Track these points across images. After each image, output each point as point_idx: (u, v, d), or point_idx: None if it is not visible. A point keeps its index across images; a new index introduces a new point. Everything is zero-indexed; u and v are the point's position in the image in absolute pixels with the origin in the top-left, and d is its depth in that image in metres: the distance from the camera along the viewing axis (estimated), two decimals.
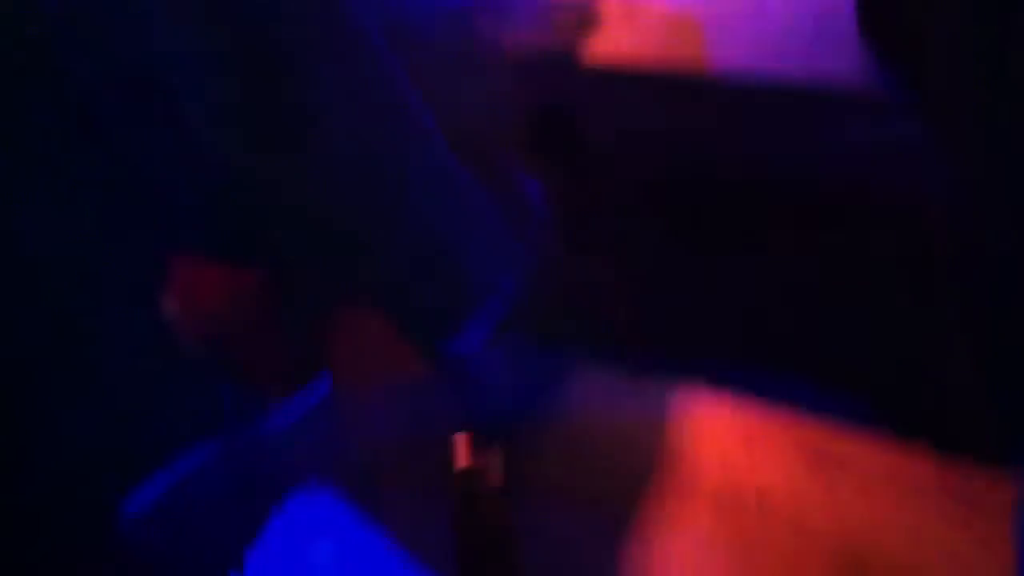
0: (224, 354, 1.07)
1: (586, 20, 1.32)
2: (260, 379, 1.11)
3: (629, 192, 1.27)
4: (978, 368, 0.93)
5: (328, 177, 1.04)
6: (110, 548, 1.03)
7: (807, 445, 1.08)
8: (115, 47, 0.96)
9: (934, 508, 0.98)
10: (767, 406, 1.12)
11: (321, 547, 1.03)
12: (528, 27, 1.30)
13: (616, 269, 1.26)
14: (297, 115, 1.01)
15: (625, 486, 1.07)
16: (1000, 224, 0.85)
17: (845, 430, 1.08)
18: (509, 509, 0.98)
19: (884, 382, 1.14)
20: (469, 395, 1.14)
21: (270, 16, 1.00)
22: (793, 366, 1.18)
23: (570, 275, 1.22)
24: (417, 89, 1.07)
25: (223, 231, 1.04)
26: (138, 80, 0.97)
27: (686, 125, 1.23)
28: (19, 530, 0.97)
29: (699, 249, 1.24)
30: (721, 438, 1.11)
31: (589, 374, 1.17)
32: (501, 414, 1.12)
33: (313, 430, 1.11)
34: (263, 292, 1.08)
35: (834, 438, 1.08)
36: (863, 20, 1.11)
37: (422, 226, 1.08)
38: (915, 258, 1.09)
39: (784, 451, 1.08)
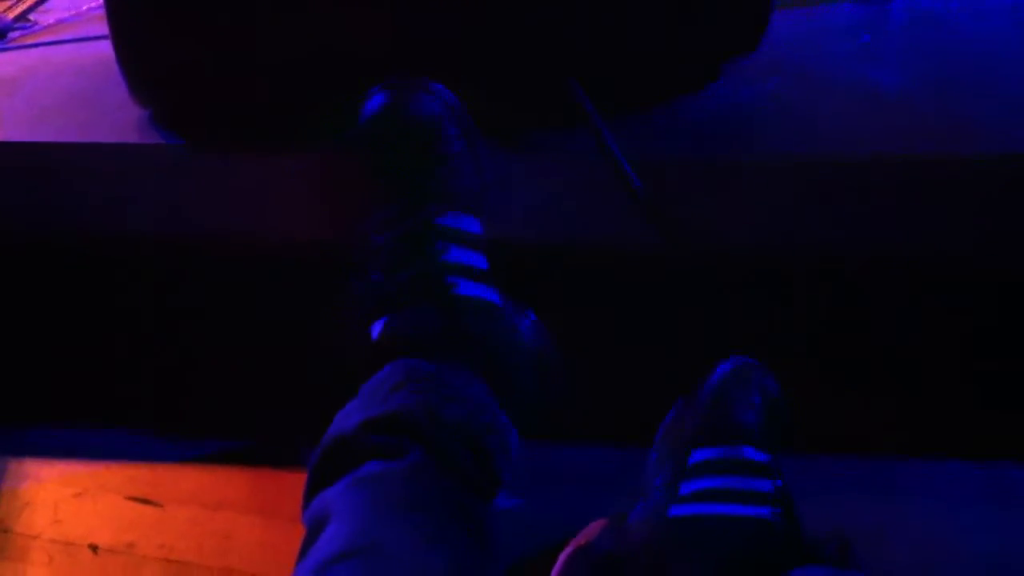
0: None
1: None
2: None
3: None
4: None
5: None
6: None
7: (136, 488, 1.17)
8: None
9: (245, 522, 1.13)
10: (95, 459, 1.19)
11: None
12: None
13: None
14: None
15: None
16: None
17: (171, 466, 1.19)
18: None
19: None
20: None
21: None
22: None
23: None
24: None
25: None
26: None
27: None
28: None
29: None
30: (52, 497, 1.17)
31: None
32: None
33: None
34: None
35: (160, 475, 1.18)
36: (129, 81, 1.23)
37: None
38: None
39: (113, 497, 1.16)
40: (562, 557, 0.93)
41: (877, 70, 1.26)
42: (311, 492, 0.87)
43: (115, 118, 1.26)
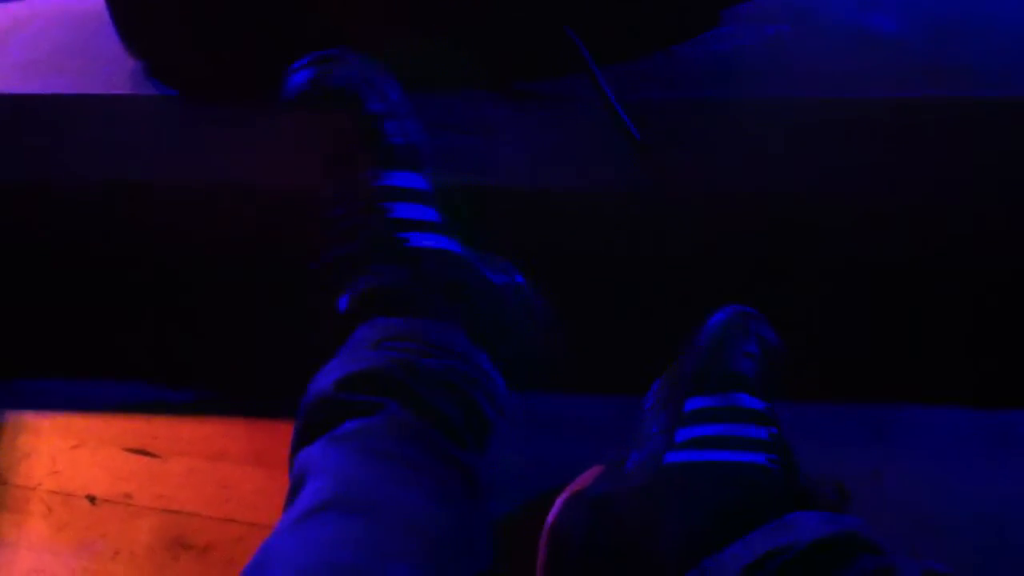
0: None
1: None
2: None
3: None
4: None
5: None
6: None
7: (133, 439, 1.17)
8: None
9: (242, 472, 1.14)
10: (95, 412, 1.20)
11: None
12: None
13: None
14: None
15: None
16: None
17: (169, 418, 1.19)
18: None
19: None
20: None
21: None
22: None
23: None
24: None
25: None
26: None
27: None
28: None
29: None
30: (50, 448, 1.17)
31: None
32: None
33: None
34: None
35: (158, 427, 1.18)
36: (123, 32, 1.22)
37: None
38: None
39: (111, 448, 1.16)
40: (558, 501, 0.93)
41: (876, 15, 1.25)
42: (294, 451, 0.88)
43: (107, 70, 1.26)
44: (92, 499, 1.13)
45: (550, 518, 0.93)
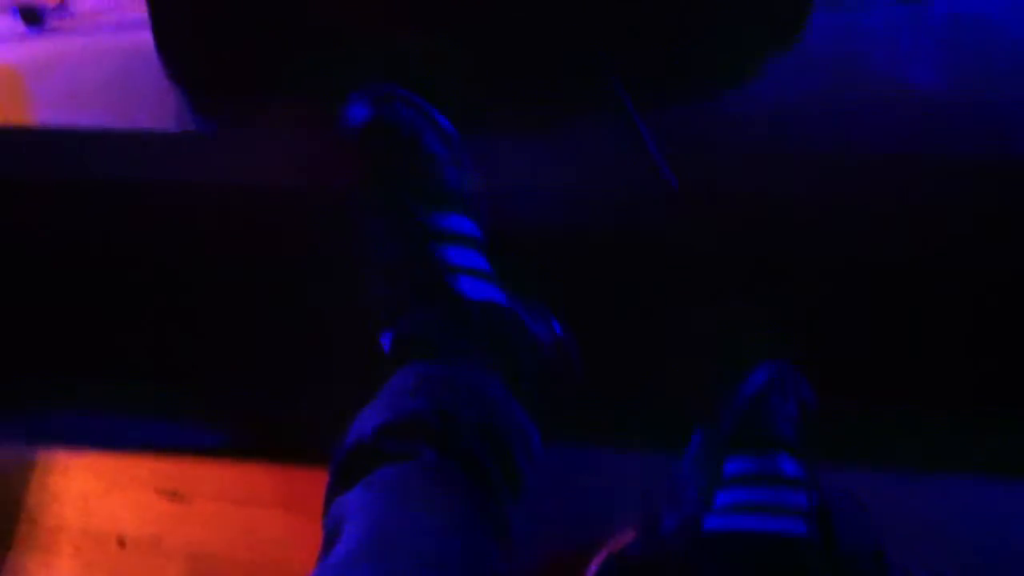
0: None
1: None
2: None
3: None
4: None
5: None
6: None
7: (163, 481, 1.17)
8: None
9: (270, 516, 1.13)
10: (126, 452, 1.19)
11: None
12: None
13: None
14: None
15: None
16: None
17: (199, 460, 1.18)
18: None
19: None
20: None
21: None
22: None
23: None
24: None
25: None
26: None
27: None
28: None
29: None
30: (81, 488, 1.17)
31: None
32: None
33: None
34: None
35: (188, 470, 1.17)
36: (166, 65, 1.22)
37: None
38: None
39: (141, 490, 1.16)
40: (594, 562, 0.92)
41: (916, 70, 1.25)
42: (329, 498, 0.87)
43: (150, 104, 1.26)
44: (121, 541, 1.12)
45: None
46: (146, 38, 1.24)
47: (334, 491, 0.87)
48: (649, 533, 0.92)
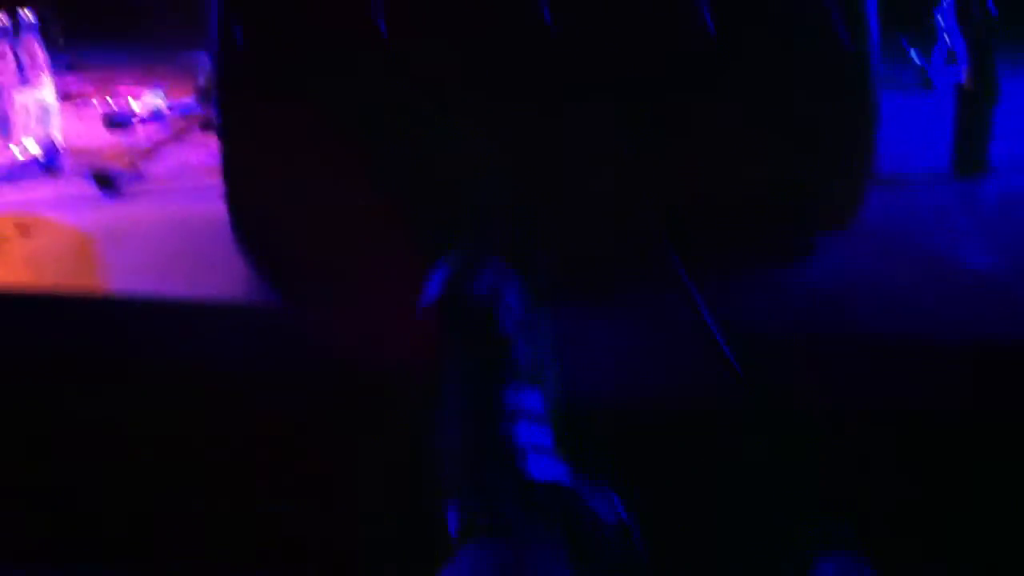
0: None
1: None
2: None
3: None
4: None
5: None
6: None
7: None
8: None
9: None
10: None
11: None
12: None
13: None
14: None
15: None
16: None
17: None
18: None
19: None
20: None
21: None
22: None
23: None
24: None
25: None
26: None
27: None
28: None
29: None
30: None
31: None
32: None
33: None
34: None
35: None
36: (240, 238, 1.26)
37: None
38: None
39: None
40: None
41: (970, 251, 1.26)
42: None
43: (218, 274, 1.30)
44: None
45: None
46: (218, 208, 1.29)
47: None
48: None
